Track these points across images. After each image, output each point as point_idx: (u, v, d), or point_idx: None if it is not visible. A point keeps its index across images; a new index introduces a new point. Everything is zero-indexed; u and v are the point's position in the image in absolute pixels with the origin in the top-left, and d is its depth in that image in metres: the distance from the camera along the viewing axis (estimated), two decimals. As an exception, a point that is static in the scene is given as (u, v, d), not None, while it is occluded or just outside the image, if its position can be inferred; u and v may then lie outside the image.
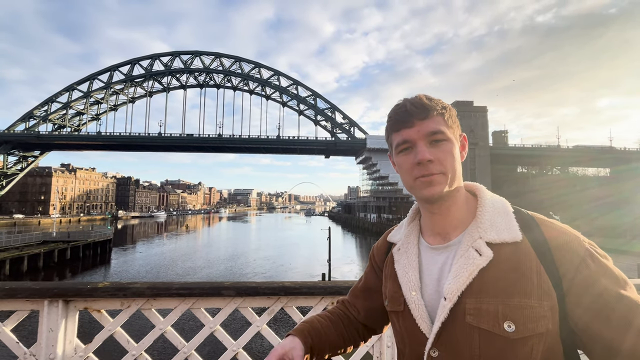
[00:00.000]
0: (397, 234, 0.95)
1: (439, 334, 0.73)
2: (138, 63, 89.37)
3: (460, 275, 0.72)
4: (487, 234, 0.74)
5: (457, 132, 0.82)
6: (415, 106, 0.79)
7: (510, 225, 0.75)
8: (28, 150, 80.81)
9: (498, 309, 0.67)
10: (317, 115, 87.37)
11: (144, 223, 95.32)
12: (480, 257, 0.72)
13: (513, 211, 0.78)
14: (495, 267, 0.71)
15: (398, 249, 0.90)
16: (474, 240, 0.75)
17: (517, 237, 0.72)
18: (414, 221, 0.93)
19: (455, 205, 0.81)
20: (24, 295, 1.47)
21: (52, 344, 1.45)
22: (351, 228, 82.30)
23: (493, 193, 0.86)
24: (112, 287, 1.52)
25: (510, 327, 0.65)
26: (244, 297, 1.58)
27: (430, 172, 0.76)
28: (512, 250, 0.72)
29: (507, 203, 0.82)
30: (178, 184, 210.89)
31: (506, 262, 0.71)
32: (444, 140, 0.78)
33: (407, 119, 0.79)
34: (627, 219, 41.00)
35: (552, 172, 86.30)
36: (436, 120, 0.78)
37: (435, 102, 0.81)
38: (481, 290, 0.70)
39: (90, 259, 34.44)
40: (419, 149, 0.77)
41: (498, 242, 0.73)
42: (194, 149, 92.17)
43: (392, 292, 0.86)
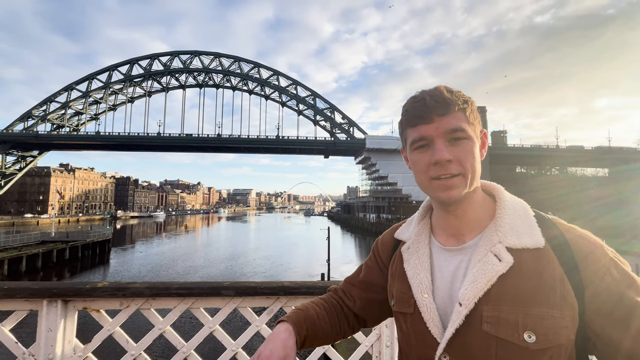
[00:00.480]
0: (406, 231, 0.89)
1: (452, 340, 0.69)
2: (137, 63, 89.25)
3: (478, 281, 0.68)
4: (507, 239, 0.70)
5: (478, 128, 0.76)
6: (435, 100, 0.72)
7: (532, 229, 0.70)
8: (26, 150, 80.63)
9: (518, 318, 0.64)
10: (316, 115, 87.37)
11: (143, 223, 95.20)
12: (500, 262, 0.68)
13: (534, 215, 0.74)
14: (516, 274, 0.67)
15: (407, 247, 0.85)
16: (493, 244, 0.71)
17: (540, 242, 0.68)
18: (424, 219, 0.88)
19: (472, 206, 0.77)
20: (23, 295, 1.46)
21: (51, 344, 1.45)
22: (350, 228, 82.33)
23: (512, 194, 0.81)
24: (111, 287, 1.52)
25: (530, 338, 0.62)
26: (243, 297, 1.58)
27: (448, 172, 0.71)
28: (534, 256, 0.68)
29: (527, 206, 0.77)
30: (177, 184, 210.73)
31: (527, 269, 0.67)
32: (465, 139, 0.72)
33: (426, 114, 0.72)
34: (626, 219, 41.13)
35: (551, 172, 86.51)
36: (457, 116, 0.72)
37: (457, 95, 0.74)
38: (500, 297, 0.66)
39: (89, 259, 34.38)
40: (437, 147, 0.72)
41: (519, 247, 0.69)
42: (193, 149, 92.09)
43: (401, 293, 0.82)
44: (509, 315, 0.64)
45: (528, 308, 0.64)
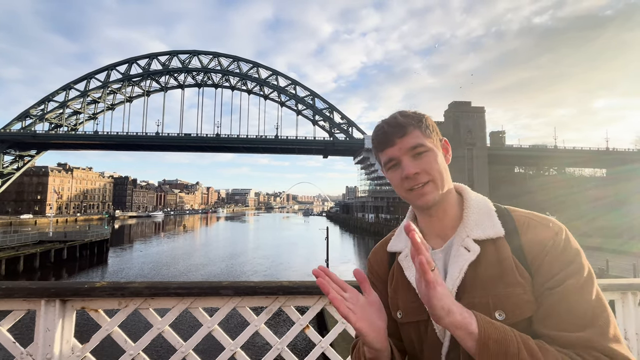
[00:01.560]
0: (398, 242, 0.94)
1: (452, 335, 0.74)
2: (136, 62, 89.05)
3: (453, 273, 0.78)
4: (473, 232, 0.81)
5: (436, 138, 0.87)
6: (392, 126, 0.85)
7: (494, 222, 0.81)
8: (24, 149, 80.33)
9: (489, 301, 0.73)
10: (315, 115, 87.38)
11: (141, 223, 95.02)
12: (469, 253, 0.78)
13: (495, 209, 0.85)
14: (482, 263, 0.77)
15: (405, 255, 0.90)
16: (462, 239, 0.81)
17: (500, 232, 0.79)
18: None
19: (449, 206, 0.87)
20: (21, 295, 1.46)
21: (49, 344, 1.44)
22: (349, 228, 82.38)
23: (476, 192, 0.92)
24: (110, 287, 1.51)
25: (500, 316, 0.71)
26: (242, 296, 1.58)
27: (419, 182, 0.82)
28: (496, 245, 0.78)
29: (489, 201, 0.88)
30: (176, 183, 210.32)
31: (491, 256, 0.77)
32: (426, 151, 0.83)
33: (388, 139, 0.85)
34: (624, 220, 41.25)
35: (549, 172, 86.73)
36: (414, 134, 0.83)
37: (410, 117, 0.85)
38: (473, 286, 0.76)
39: (87, 259, 34.29)
40: (404, 164, 0.83)
41: (484, 238, 0.79)
42: (191, 149, 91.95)
43: (409, 302, 0.85)
44: (482, 300, 0.74)
45: (495, 290, 0.74)
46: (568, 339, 0.67)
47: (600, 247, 31.79)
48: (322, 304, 1.65)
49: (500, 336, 0.64)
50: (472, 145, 70.81)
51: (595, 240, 34.48)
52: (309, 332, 1.69)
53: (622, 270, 21.51)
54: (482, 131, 75.51)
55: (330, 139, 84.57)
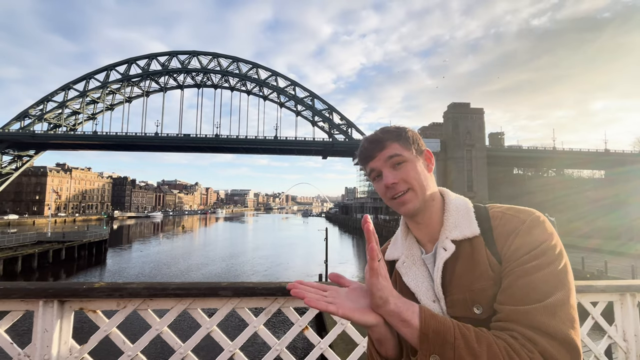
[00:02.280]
0: (395, 250, 1.00)
1: None
2: (135, 63, 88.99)
3: (436, 272, 0.84)
4: (451, 233, 0.85)
5: (417, 149, 0.92)
6: (371, 142, 0.92)
7: (471, 222, 0.86)
8: (23, 149, 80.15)
9: (466, 296, 0.78)
10: (314, 116, 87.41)
11: (140, 223, 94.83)
12: (445, 252, 0.84)
13: (474, 210, 0.89)
14: (459, 260, 0.82)
15: (403, 262, 0.95)
16: (442, 241, 0.86)
17: (476, 231, 0.83)
18: (409, 234, 0.99)
19: (434, 212, 0.91)
20: (19, 295, 1.45)
21: (46, 345, 1.44)
22: (348, 229, 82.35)
23: (456, 194, 0.97)
24: (109, 288, 1.51)
25: (478, 310, 0.76)
26: (241, 297, 1.58)
27: (398, 191, 0.88)
28: (471, 243, 0.83)
29: (468, 202, 0.93)
30: (175, 184, 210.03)
31: (466, 254, 0.82)
32: (403, 162, 0.89)
33: (369, 154, 0.92)
34: (623, 221, 41.32)
35: (548, 173, 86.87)
36: (392, 147, 0.89)
37: (390, 132, 0.92)
38: (452, 283, 0.81)
39: (85, 259, 34.22)
40: (384, 174, 0.89)
41: (460, 238, 0.84)
42: (191, 149, 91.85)
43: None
44: (459, 296, 0.79)
45: (471, 286, 0.79)
46: (511, 312, 0.70)
47: (599, 248, 31.83)
48: (321, 305, 1.65)
49: (439, 327, 0.69)
50: (471, 147, 70.89)
51: (594, 242, 34.52)
52: (308, 333, 1.69)
53: (621, 272, 21.48)
54: (481, 132, 75.64)
55: (330, 140, 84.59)
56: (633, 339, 1.83)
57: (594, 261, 23.76)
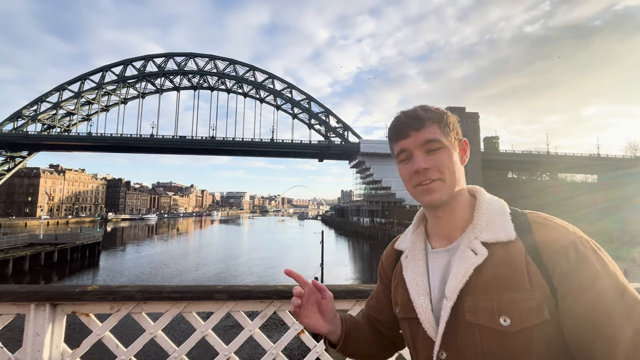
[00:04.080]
0: (404, 241, 0.96)
1: (445, 335, 0.75)
2: (131, 64, 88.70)
3: (457, 274, 0.76)
4: (482, 234, 0.77)
5: (454, 138, 0.85)
6: (410, 117, 0.83)
7: (506, 225, 0.77)
8: (16, 150, 79.33)
9: (494, 304, 0.70)
10: (311, 118, 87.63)
11: (134, 226, 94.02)
12: (476, 255, 0.75)
13: (510, 212, 0.81)
14: (490, 265, 0.74)
15: (406, 256, 0.92)
16: (470, 241, 0.78)
17: (511, 236, 0.75)
18: (419, 227, 0.95)
19: (458, 207, 0.84)
20: (10, 298, 1.43)
21: (38, 349, 1.41)
22: (344, 232, 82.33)
23: (492, 195, 0.88)
24: (102, 291, 1.49)
25: (505, 321, 0.68)
26: (237, 300, 1.57)
27: (428, 178, 0.80)
28: (506, 248, 0.74)
29: (504, 204, 0.84)
30: (170, 186, 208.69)
31: (500, 259, 0.74)
32: (440, 148, 0.81)
33: (403, 130, 0.83)
34: (615, 226, 41.80)
35: (542, 178, 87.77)
36: (431, 129, 0.82)
37: (432, 111, 0.84)
38: (477, 288, 0.73)
39: (78, 262, 33.77)
40: (415, 158, 0.81)
41: (493, 241, 0.76)
42: (186, 151, 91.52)
43: (404, 300, 0.87)
44: (486, 303, 0.71)
45: (501, 294, 0.70)
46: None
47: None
48: (317, 309, 1.64)
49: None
50: (466, 150, 71.30)
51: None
52: (303, 337, 1.68)
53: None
54: (476, 136, 76.32)
55: (326, 143, 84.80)
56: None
57: (587, 265, 23.92)
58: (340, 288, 1.67)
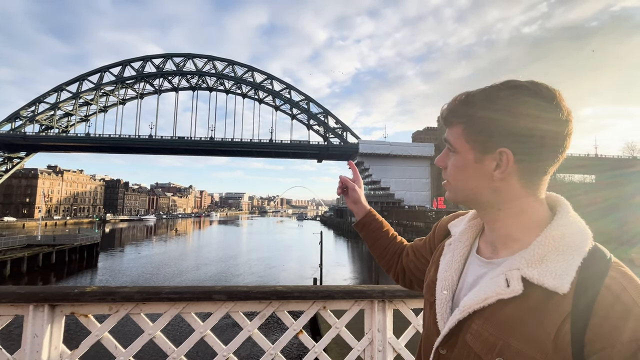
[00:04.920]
0: (458, 225, 0.89)
1: (447, 337, 0.73)
2: (129, 64, 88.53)
3: (478, 295, 0.67)
4: (528, 270, 0.63)
5: (484, 146, 0.69)
6: (448, 109, 0.75)
7: (566, 272, 0.60)
8: (13, 151, 79.02)
9: (497, 343, 0.62)
10: (309, 119, 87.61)
11: (132, 227, 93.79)
12: (507, 288, 0.64)
13: (587, 255, 0.62)
14: (518, 305, 0.62)
15: (449, 243, 0.87)
16: (511, 269, 0.65)
17: (563, 289, 0.59)
18: (475, 219, 0.86)
19: (500, 222, 0.72)
20: (9, 300, 1.43)
21: (36, 350, 1.41)
22: (343, 232, 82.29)
23: (578, 218, 0.69)
24: (100, 292, 1.49)
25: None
26: (235, 301, 1.57)
27: (445, 178, 0.79)
28: (547, 297, 0.60)
29: (585, 241, 0.64)
30: (168, 187, 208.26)
31: (533, 305, 0.61)
32: (452, 152, 0.75)
33: (447, 118, 0.77)
34: (614, 226, 41.92)
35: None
36: (454, 130, 0.74)
37: (469, 105, 0.71)
38: (492, 317, 0.64)
39: (76, 263, 33.67)
40: (442, 152, 0.80)
41: (535, 282, 0.61)
42: (185, 152, 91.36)
43: (430, 281, 0.87)
44: (490, 337, 0.63)
45: (511, 338, 0.60)
46: None
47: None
48: (315, 309, 1.65)
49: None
50: (465, 151, 71.31)
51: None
52: (302, 337, 1.68)
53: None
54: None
55: (325, 144, 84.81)
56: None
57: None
58: (338, 289, 1.67)
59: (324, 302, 1.65)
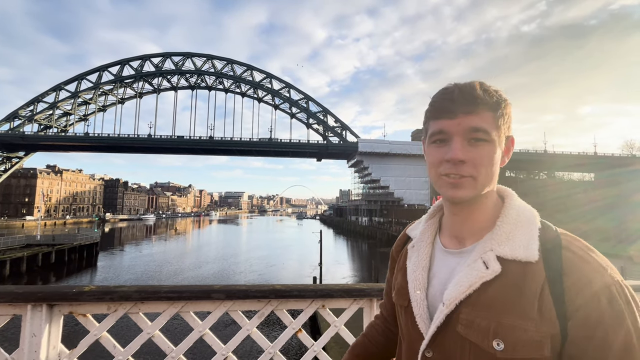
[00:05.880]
0: (415, 229, 0.91)
1: (434, 337, 0.71)
2: (128, 64, 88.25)
3: (461, 284, 0.69)
4: (500, 248, 0.68)
5: (504, 133, 0.72)
6: (464, 96, 0.69)
7: (530, 242, 0.67)
8: (12, 150, 78.81)
9: (490, 325, 0.64)
10: (309, 118, 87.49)
11: (132, 226, 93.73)
12: (486, 270, 0.67)
13: (540, 227, 0.70)
14: (500, 283, 0.66)
15: (412, 245, 0.87)
16: (484, 251, 0.70)
17: (533, 257, 0.65)
18: (433, 218, 0.88)
19: (479, 210, 0.75)
20: (6, 299, 1.43)
21: (34, 350, 1.41)
22: (343, 231, 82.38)
23: (524, 201, 0.77)
24: (99, 291, 1.49)
25: (499, 346, 0.62)
26: (234, 300, 1.57)
27: (459, 173, 0.69)
28: (523, 269, 0.65)
29: (536, 216, 0.73)
30: (168, 186, 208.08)
31: (512, 280, 0.65)
32: (485, 141, 0.69)
33: (451, 109, 0.70)
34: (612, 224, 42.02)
35: (539, 176, 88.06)
36: (484, 116, 0.69)
37: (490, 93, 0.70)
38: (479, 303, 0.67)
39: (75, 262, 33.64)
40: (453, 145, 0.69)
41: (509, 258, 0.67)
42: (184, 151, 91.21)
43: (400, 287, 0.86)
44: (482, 321, 0.65)
45: (502, 317, 0.63)
46: None
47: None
48: (314, 307, 1.65)
49: None
50: (464, 149, 71.30)
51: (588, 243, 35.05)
52: (301, 336, 1.68)
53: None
54: (474, 135, 76.01)
55: (324, 142, 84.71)
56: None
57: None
58: (337, 287, 1.67)
59: (323, 300, 1.64)
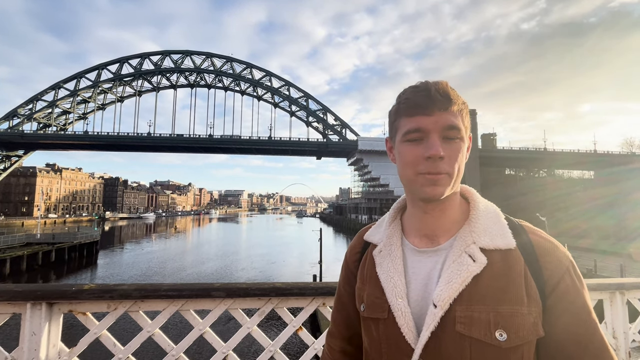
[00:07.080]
0: (377, 233, 0.87)
1: (427, 344, 0.67)
2: (127, 62, 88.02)
3: (453, 282, 0.68)
4: (481, 240, 0.71)
5: (468, 131, 0.75)
6: (440, 94, 0.70)
7: (504, 231, 0.72)
8: (11, 149, 78.70)
9: (490, 317, 0.64)
10: (308, 116, 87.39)
11: (132, 224, 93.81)
12: (474, 263, 0.68)
13: (505, 218, 0.76)
14: (488, 275, 0.68)
15: (379, 250, 0.82)
16: (467, 245, 0.71)
17: (511, 244, 0.70)
18: (395, 220, 0.86)
19: (451, 207, 0.76)
20: (6, 298, 1.42)
21: (34, 348, 1.41)
22: (342, 229, 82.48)
23: (483, 198, 0.82)
24: (99, 289, 1.48)
25: (502, 336, 0.63)
26: (234, 298, 1.56)
27: (438, 170, 0.69)
28: (504, 257, 0.69)
29: (499, 210, 0.78)
30: (167, 184, 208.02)
31: (498, 269, 0.68)
32: (458, 139, 0.71)
33: (428, 105, 0.70)
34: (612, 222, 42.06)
35: (539, 174, 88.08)
36: (455, 114, 0.71)
37: (457, 93, 0.73)
38: (472, 297, 0.67)
39: (76, 261, 33.71)
40: (431, 142, 0.69)
41: (492, 248, 0.70)
42: (184, 150, 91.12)
43: (374, 298, 0.78)
44: (481, 315, 0.65)
45: (498, 306, 0.65)
46: None
47: (592, 248, 32.57)
48: (315, 305, 1.65)
49: None
50: (464, 147, 71.39)
51: (587, 241, 35.27)
52: (302, 334, 1.68)
53: (612, 271, 21.97)
54: (473, 133, 74.15)
55: (324, 141, 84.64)
56: (622, 336, 1.86)
57: (585, 260, 24.26)
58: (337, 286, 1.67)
59: (323, 298, 1.64)
